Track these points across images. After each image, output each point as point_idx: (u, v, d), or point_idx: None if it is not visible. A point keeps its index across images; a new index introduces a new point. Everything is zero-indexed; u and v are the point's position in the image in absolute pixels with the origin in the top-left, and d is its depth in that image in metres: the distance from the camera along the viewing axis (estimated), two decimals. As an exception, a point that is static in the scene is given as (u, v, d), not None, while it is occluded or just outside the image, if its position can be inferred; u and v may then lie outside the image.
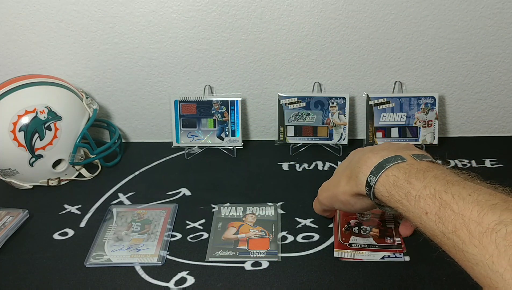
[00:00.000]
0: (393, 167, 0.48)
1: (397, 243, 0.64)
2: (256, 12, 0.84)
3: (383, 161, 0.49)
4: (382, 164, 0.49)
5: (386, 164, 0.48)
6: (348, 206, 0.57)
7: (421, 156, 0.49)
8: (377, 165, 0.49)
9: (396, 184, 0.46)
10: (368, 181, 0.50)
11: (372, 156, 0.51)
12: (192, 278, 0.60)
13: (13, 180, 0.80)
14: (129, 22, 0.86)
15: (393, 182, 0.47)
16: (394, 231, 0.66)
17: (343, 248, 0.63)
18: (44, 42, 0.88)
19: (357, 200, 0.54)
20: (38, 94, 0.78)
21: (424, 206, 0.42)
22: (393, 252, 0.62)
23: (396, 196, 0.46)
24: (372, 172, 0.49)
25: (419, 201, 0.43)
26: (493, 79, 0.91)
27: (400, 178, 0.46)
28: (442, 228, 0.40)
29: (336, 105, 0.89)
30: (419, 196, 0.43)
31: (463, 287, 0.57)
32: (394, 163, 0.48)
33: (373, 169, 0.49)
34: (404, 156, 0.49)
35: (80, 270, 0.62)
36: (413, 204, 0.43)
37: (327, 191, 0.61)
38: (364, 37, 0.87)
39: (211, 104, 0.90)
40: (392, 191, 0.46)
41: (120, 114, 0.97)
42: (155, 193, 0.79)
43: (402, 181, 0.46)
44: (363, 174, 0.51)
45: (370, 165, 0.50)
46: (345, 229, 0.67)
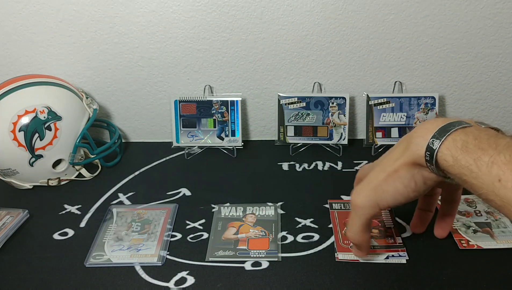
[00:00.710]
0: (460, 131, 0.45)
1: (398, 242, 0.64)
2: (256, 12, 0.84)
3: (447, 124, 0.46)
4: (446, 127, 0.46)
5: (452, 127, 0.45)
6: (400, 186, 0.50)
7: (483, 124, 0.47)
8: (441, 128, 0.46)
9: (465, 149, 0.43)
10: (430, 144, 0.46)
11: (431, 121, 0.48)
12: (192, 278, 0.60)
13: (13, 180, 0.80)
14: (129, 22, 0.86)
15: (461, 146, 0.44)
16: (394, 231, 0.66)
17: (346, 251, 0.63)
18: (44, 42, 0.88)
19: (412, 174, 0.49)
20: (38, 94, 0.78)
21: (497, 173, 0.40)
22: (396, 251, 0.62)
23: (463, 161, 0.43)
24: (435, 135, 0.46)
25: (492, 167, 0.41)
26: (493, 79, 0.91)
27: (469, 143, 0.43)
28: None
29: (336, 105, 0.90)
30: (492, 162, 0.41)
31: (463, 287, 0.57)
32: (460, 126, 0.45)
33: (436, 132, 0.46)
34: (467, 121, 0.46)
35: (80, 270, 0.62)
36: (484, 171, 0.41)
37: (367, 187, 0.52)
38: (364, 37, 0.87)
39: (211, 104, 0.90)
40: (458, 156, 0.43)
41: (120, 114, 0.97)
42: (155, 193, 0.79)
43: (472, 146, 0.43)
44: (423, 138, 0.47)
45: (431, 129, 0.47)
46: (345, 232, 0.66)
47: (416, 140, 0.48)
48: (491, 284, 0.57)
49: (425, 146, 0.47)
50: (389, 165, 0.51)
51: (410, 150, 0.48)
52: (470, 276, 0.58)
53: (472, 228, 0.66)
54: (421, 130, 0.48)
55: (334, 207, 0.73)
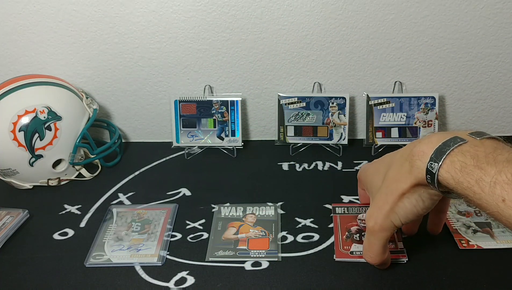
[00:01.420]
0: (456, 151, 0.44)
1: (400, 247, 0.63)
2: (256, 12, 0.84)
3: (441, 145, 0.45)
4: (441, 148, 0.45)
5: (447, 148, 0.44)
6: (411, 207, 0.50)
7: (479, 134, 0.46)
8: (437, 149, 0.45)
9: (465, 170, 0.42)
10: (429, 168, 0.45)
11: (426, 141, 0.47)
12: (192, 278, 0.60)
13: (13, 180, 0.80)
14: (129, 22, 0.86)
15: (460, 168, 0.43)
16: (396, 236, 0.65)
17: (344, 257, 0.62)
18: (44, 42, 0.88)
19: (418, 195, 0.49)
20: (38, 94, 0.78)
21: (501, 193, 0.39)
22: (396, 258, 0.61)
23: (465, 183, 0.42)
24: (432, 158, 0.45)
25: (495, 187, 0.40)
26: (493, 79, 0.91)
27: (468, 164, 0.42)
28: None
29: (336, 105, 0.89)
30: (494, 182, 0.40)
31: (463, 287, 0.57)
32: (455, 145, 0.44)
33: (432, 154, 0.45)
34: (462, 136, 0.45)
35: (80, 270, 0.62)
36: (487, 192, 0.40)
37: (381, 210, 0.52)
38: (364, 37, 0.87)
39: (211, 104, 0.90)
40: (459, 178, 0.43)
41: (120, 114, 0.97)
42: (155, 193, 0.79)
43: (471, 167, 0.42)
44: (421, 161, 0.46)
45: (427, 151, 0.46)
46: (346, 237, 0.66)
47: (416, 163, 0.47)
48: (491, 284, 0.57)
49: (424, 169, 0.46)
50: (396, 187, 0.51)
51: (413, 174, 0.48)
52: (470, 276, 0.58)
53: (472, 228, 0.66)
54: (418, 153, 0.47)
55: (338, 211, 0.72)
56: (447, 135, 0.46)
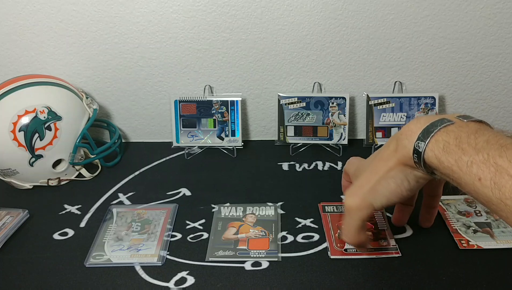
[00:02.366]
0: (442, 131, 0.45)
1: (392, 245, 0.64)
2: (256, 12, 0.84)
3: (429, 125, 0.46)
4: (429, 128, 0.46)
5: (434, 128, 0.46)
6: (395, 186, 0.50)
7: (466, 117, 0.47)
8: (424, 129, 0.46)
9: (447, 150, 0.44)
10: (416, 147, 0.46)
11: (414, 122, 0.48)
12: (192, 278, 0.60)
13: (13, 180, 0.80)
14: (129, 22, 0.86)
15: (443, 147, 0.44)
16: (387, 233, 0.66)
17: (338, 254, 0.63)
18: (44, 42, 0.88)
19: (404, 175, 0.50)
20: (38, 94, 0.78)
21: (477, 172, 0.40)
22: (389, 254, 0.62)
23: (446, 163, 0.43)
24: (419, 137, 0.46)
25: (472, 167, 0.41)
26: (493, 79, 0.91)
27: (450, 143, 0.44)
28: (498, 194, 0.38)
29: (336, 105, 0.90)
30: (471, 161, 0.41)
31: (463, 287, 0.57)
32: (442, 125, 0.46)
33: (420, 134, 0.46)
34: (450, 118, 0.47)
35: (80, 270, 0.62)
36: (464, 171, 0.41)
37: (361, 190, 0.52)
38: (364, 37, 0.87)
39: (211, 104, 0.90)
40: (441, 158, 0.44)
41: (120, 114, 0.97)
42: (155, 193, 0.79)
43: (453, 146, 0.43)
44: (409, 140, 0.48)
45: (415, 130, 0.47)
46: (339, 235, 0.66)
47: (403, 142, 0.48)
48: (491, 284, 0.57)
49: (412, 148, 0.47)
50: (381, 166, 0.51)
51: (400, 152, 0.49)
52: (470, 276, 0.58)
53: (472, 228, 0.66)
54: (406, 132, 0.48)
55: (327, 209, 0.72)
56: (436, 117, 0.48)
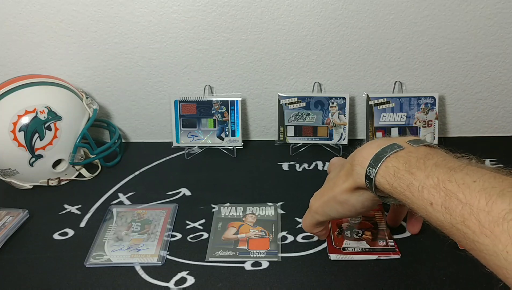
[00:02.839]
0: (392, 157, 0.46)
1: (390, 245, 0.63)
2: (256, 12, 0.84)
3: (380, 151, 0.47)
4: (379, 154, 0.47)
5: (384, 154, 0.46)
6: (347, 206, 0.53)
7: (417, 141, 0.47)
8: (375, 155, 0.47)
9: (397, 175, 0.44)
10: (367, 173, 0.47)
11: (367, 147, 0.49)
12: (192, 278, 0.60)
13: (13, 180, 0.80)
14: (129, 22, 0.86)
15: (393, 173, 0.44)
16: (386, 233, 0.66)
17: (337, 253, 0.63)
18: (44, 42, 0.88)
19: (358, 197, 0.52)
20: (38, 94, 0.78)
21: (428, 197, 0.40)
22: (387, 255, 0.62)
23: (398, 188, 0.44)
24: (370, 163, 0.47)
25: (423, 192, 0.41)
26: (493, 79, 0.91)
27: (400, 169, 0.44)
28: (449, 219, 0.38)
29: (336, 105, 0.90)
30: (422, 186, 0.41)
31: (463, 287, 0.57)
32: (392, 152, 0.46)
33: (371, 160, 0.47)
34: (400, 143, 0.47)
35: (80, 270, 0.62)
36: (416, 196, 0.41)
37: (321, 198, 0.57)
38: (364, 37, 0.87)
39: (211, 104, 0.90)
40: (393, 183, 0.44)
41: (120, 114, 0.97)
42: (155, 193, 0.79)
43: (403, 171, 0.43)
44: (361, 166, 0.48)
45: (367, 157, 0.48)
46: (338, 233, 0.66)
47: (356, 168, 0.49)
48: (491, 284, 0.57)
49: (364, 174, 0.48)
50: (339, 184, 0.53)
51: (352, 178, 0.50)
52: (470, 276, 0.58)
53: (472, 228, 0.66)
54: (359, 158, 0.49)
55: None
56: (387, 142, 0.48)
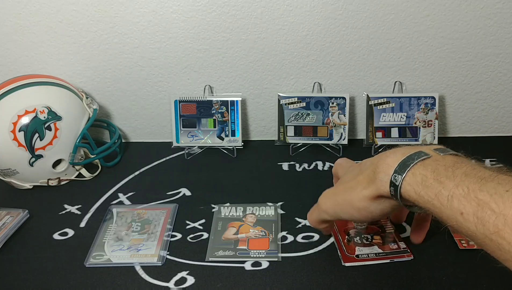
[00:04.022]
0: (419, 165, 0.45)
1: (402, 247, 0.63)
2: (256, 12, 0.84)
3: (406, 158, 0.46)
4: (406, 162, 0.46)
5: (411, 161, 0.45)
6: (365, 213, 0.52)
7: (443, 150, 0.47)
8: (401, 162, 0.46)
9: (425, 184, 0.43)
10: (393, 180, 0.46)
11: (391, 154, 0.48)
12: (192, 278, 0.60)
13: (13, 180, 0.80)
14: (129, 22, 0.86)
15: (421, 181, 0.44)
16: (396, 235, 0.65)
17: (351, 261, 0.61)
18: (44, 42, 0.88)
19: (378, 204, 0.51)
20: (38, 94, 0.78)
21: (458, 207, 0.40)
22: (400, 257, 0.61)
23: (426, 197, 0.43)
24: (396, 170, 0.46)
25: (453, 201, 0.40)
26: (493, 79, 0.91)
27: (428, 177, 0.43)
28: (482, 229, 0.37)
29: (336, 105, 0.90)
30: (451, 196, 0.40)
31: (463, 287, 0.57)
32: (419, 159, 0.45)
33: (397, 167, 0.46)
34: (426, 151, 0.47)
35: (80, 270, 0.62)
36: (445, 205, 0.41)
37: (333, 198, 0.55)
38: (364, 37, 0.87)
39: (211, 104, 0.90)
40: (420, 192, 0.44)
41: (120, 114, 0.97)
42: (155, 193, 0.79)
43: (431, 180, 0.43)
44: (385, 173, 0.47)
45: (392, 164, 0.47)
46: (347, 241, 0.65)
47: (379, 175, 0.48)
48: (491, 284, 0.57)
49: (388, 181, 0.47)
50: (358, 190, 0.51)
51: (375, 186, 0.49)
52: (470, 276, 0.58)
53: (472, 228, 0.66)
54: (383, 165, 0.48)
55: None
56: (412, 150, 0.48)
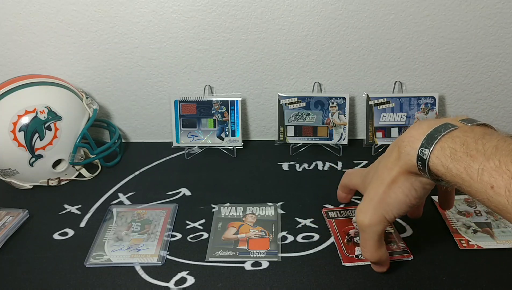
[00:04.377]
0: (447, 137, 0.44)
1: (402, 248, 0.63)
2: (256, 12, 0.84)
3: (433, 130, 0.45)
4: (432, 134, 0.44)
5: (438, 134, 0.44)
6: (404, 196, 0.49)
7: (471, 121, 0.45)
8: (428, 135, 0.45)
9: (454, 157, 0.42)
10: (420, 154, 0.45)
11: (416, 126, 0.46)
12: (192, 278, 0.60)
13: (13, 180, 0.80)
14: (129, 22, 0.86)
15: (450, 154, 0.42)
16: (395, 235, 0.65)
17: (352, 261, 0.61)
18: (44, 42, 0.88)
19: (414, 181, 0.48)
20: (38, 94, 0.78)
21: (489, 180, 0.39)
22: (401, 257, 0.61)
23: (454, 170, 0.42)
24: (423, 144, 0.44)
25: (483, 174, 0.39)
26: (493, 79, 0.91)
27: (457, 150, 0.42)
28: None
29: (336, 105, 0.90)
30: (482, 169, 0.39)
31: (463, 287, 0.57)
32: (446, 131, 0.44)
33: (424, 140, 0.45)
34: (453, 122, 0.45)
35: (80, 270, 0.62)
36: (475, 179, 0.40)
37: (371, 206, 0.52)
38: (364, 37, 0.87)
39: (211, 104, 0.90)
40: (449, 165, 0.42)
41: (120, 114, 0.97)
42: (155, 193, 0.79)
43: (461, 153, 0.41)
44: (411, 147, 0.46)
45: (418, 137, 0.45)
46: (347, 241, 0.65)
47: (405, 149, 0.47)
48: (491, 284, 0.57)
49: (415, 155, 0.46)
50: (386, 175, 0.50)
51: (402, 160, 0.48)
52: (470, 276, 0.58)
53: (472, 228, 0.66)
54: (408, 138, 0.47)
55: (331, 215, 0.71)
56: (438, 122, 0.46)
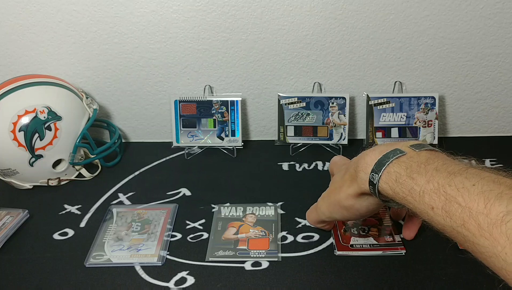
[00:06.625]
0: (394, 163, 0.47)
1: (397, 240, 0.64)
2: (256, 12, 0.84)
3: (382, 157, 0.48)
4: (382, 160, 0.48)
5: (386, 160, 0.47)
6: (352, 211, 0.55)
7: (419, 146, 0.48)
8: (378, 161, 0.48)
9: (399, 181, 0.45)
10: (371, 179, 0.48)
11: (370, 153, 0.50)
12: (192, 278, 0.60)
13: (13, 180, 0.80)
14: (129, 22, 0.86)
15: (395, 179, 0.45)
16: (393, 229, 0.67)
17: (345, 250, 0.63)
18: (44, 42, 0.88)
19: (362, 201, 0.53)
20: (38, 94, 0.78)
21: (429, 202, 0.41)
22: (394, 249, 0.63)
23: (400, 193, 0.45)
24: (373, 169, 0.48)
25: (424, 196, 0.42)
26: (493, 79, 0.91)
27: (402, 174, 0.45)
28: (450, 222, 0.39)
29: (336, 105, 0.90)
30: (423, 191, 0.42)
31: (463, 287, 0.57)
32: (394, 157, 0.47)
33: (374, 166, 0.48)
34: (402, 148, 0.48)
35: (80, 270, 0.62)
36: (418, 200, 0.43)
37: (327, 200, 0.59)
38: (364, 37, 0.87)
39: (211, 104, 0.90)
40: (395, 189, 0.45)
41: (120, 114, 0.97)
42: (155, 193, 0.79)
43: (405, 177, 0.44)
44: (365, 172, 0.49)
45: (370, 163, 0.49)
46: (344, 231, 0.67)
47: (360, 175, 0.50)
48: (491, 284, 0.57)
49: (367, 180, 0.49)
50: (342, 193, 0.55)
51: (357, 184, 0.52)
52: (470, 276, 0.58)
53: (472, 228, 0.66)
54: (362, 164, 0.50)
55: None
56: (389, 147, 0.49)
